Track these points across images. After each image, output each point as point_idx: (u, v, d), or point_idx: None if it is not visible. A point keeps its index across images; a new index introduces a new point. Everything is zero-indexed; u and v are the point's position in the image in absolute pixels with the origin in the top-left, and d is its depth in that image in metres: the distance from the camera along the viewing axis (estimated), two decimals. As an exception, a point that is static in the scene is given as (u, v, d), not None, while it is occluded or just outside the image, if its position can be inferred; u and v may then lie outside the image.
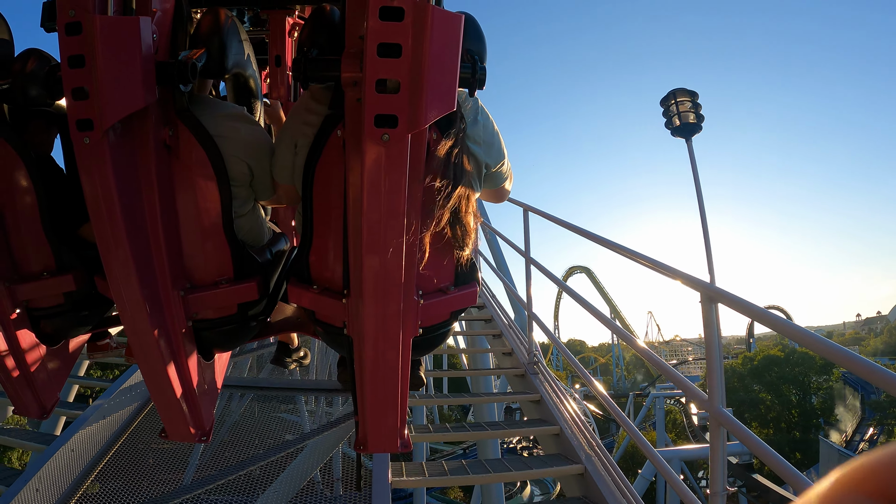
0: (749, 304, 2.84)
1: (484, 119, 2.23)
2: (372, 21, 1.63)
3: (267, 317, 2.58)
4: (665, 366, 3.90)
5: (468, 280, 2.33)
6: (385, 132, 1.70)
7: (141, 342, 2.22)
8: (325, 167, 2.10)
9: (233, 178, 2.26)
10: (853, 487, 0.39)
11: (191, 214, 2.26)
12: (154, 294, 2.18)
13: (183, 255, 2.30)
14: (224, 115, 2.27)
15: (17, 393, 2.60)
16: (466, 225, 2.12)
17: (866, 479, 0.39)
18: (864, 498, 0.38)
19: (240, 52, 2.36)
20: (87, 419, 5.48)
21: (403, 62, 1.65)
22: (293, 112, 2.27)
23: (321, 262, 2.25)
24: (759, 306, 2.86)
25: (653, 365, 3.92)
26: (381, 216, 1.85)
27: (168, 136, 2.13)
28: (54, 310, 2.55)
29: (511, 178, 2.48)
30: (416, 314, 2.17)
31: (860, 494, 0.38)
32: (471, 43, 1.98)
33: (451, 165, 2.00)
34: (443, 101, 1.72)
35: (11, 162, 2.35)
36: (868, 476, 0.39)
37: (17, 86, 2.24)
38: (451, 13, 1.66)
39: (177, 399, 2.39)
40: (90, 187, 1.93)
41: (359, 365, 2.23)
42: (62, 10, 1.77)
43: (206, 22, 2.26)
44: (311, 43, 2.05)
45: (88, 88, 1.79)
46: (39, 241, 2.42)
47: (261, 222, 2.56)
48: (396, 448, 2.48)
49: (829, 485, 0.41)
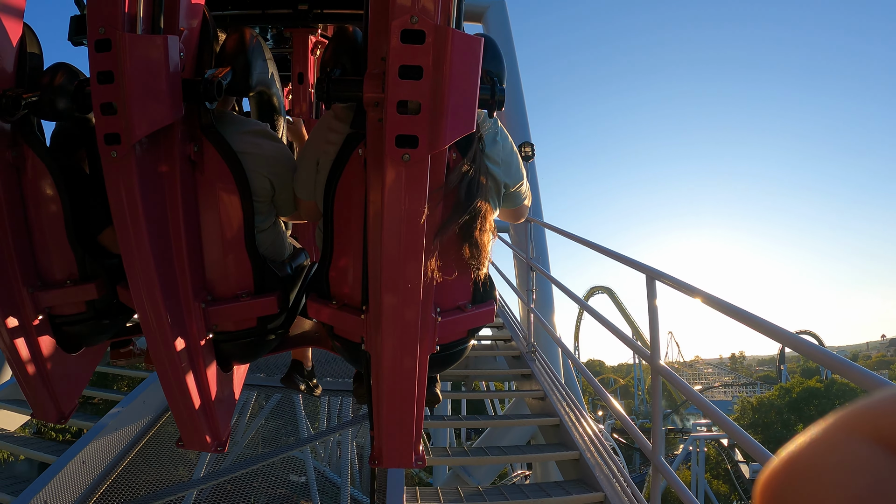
0: (688, 284, 3.40)
1: (503, 139, 2.24)
2: (394, 43, 1.65)
3: (286, 331, 2.60)
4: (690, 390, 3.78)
5: (486, 298, 2.34)
6: (406, 152, 1.71)
7: (161, 352, 2.25)
8: (347, 185, 2.12)
9: (255, 193, 2.29)
10: (851, 429, 0.39)
11: (213, 228, 2.30)
12: (175, 305, 2.22)
13: (205, 268, 2.33)
14: (248, 132, 2.31)
15: (36, 397, 2.63)
16: (482, 243, 2.13)
17: (864, 422, 0.39)
18: (863, 440, 0.38)
19: (264, 71, 2.40)
20: (101, 430, 5.51)
21: (424, 84, 1.67)
22: (316, 130, 2.30)
23: (341, 278, 2.27)
24: (698, 288, 3.30)
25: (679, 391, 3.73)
26: (401, 234, 1.86)
27: (193, 151, 2.16)
28: (76, 317, 2.58)
29: (529, 197, 2.49)
30: (434, 331, 2.18)
31: (858, 436, 0.38)
32: (489, 64, 1.99)
33: (469, 185, 2.02)
34: (463, 122, 1.73)
35: (38, 172, 2.39)
36: (866, 418, 0.39)
37: (45, 99, 2.28)
38: (471, 36, 1.69)
39: (194, 409, 2.41)
40: (116, 199, 1.96)
41: (376, 380, 2.25)
42: (92, 27, 1.82)
43: (232, 41, 2.30)
44: (334, 63, 2.08)
45: (116, 104, 1.83)
46: (63, 249, 2.45)
47: (282, 237, 2.59)
48: (411, 463, 2.48)
49: (826, 427, 0.40)
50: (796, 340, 2.63)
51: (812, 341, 2.67)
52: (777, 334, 2.74)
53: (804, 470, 0.39)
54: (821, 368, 45.99)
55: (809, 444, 0.40)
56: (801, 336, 2.72)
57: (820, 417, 0.40)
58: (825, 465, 0.38)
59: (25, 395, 2.65)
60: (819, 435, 0.40)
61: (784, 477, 0.40)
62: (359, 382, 2.78)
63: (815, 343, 2.68)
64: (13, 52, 2.30)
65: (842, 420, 0.40)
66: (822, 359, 2.51)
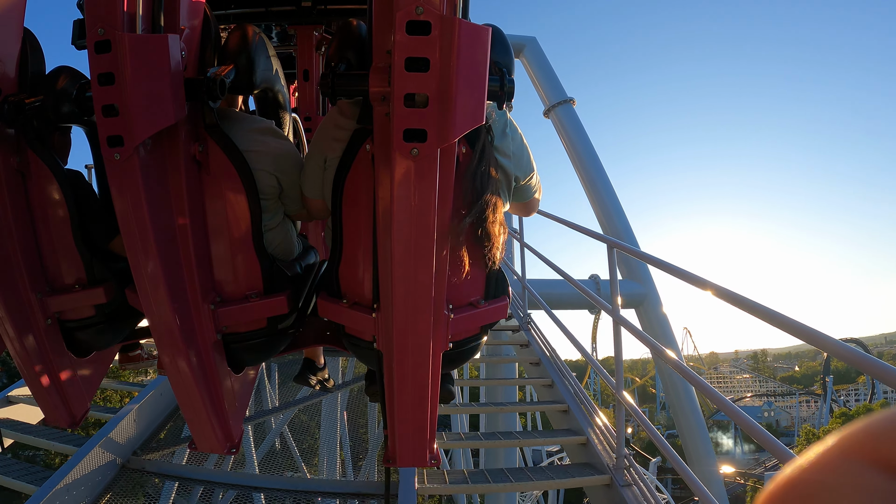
0: (643, 253, 3.74)
1: (512, 132, 2.21)
2: (399, 35, 1.61)
3: (296, 330, 2.58)
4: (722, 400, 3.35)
5: (498, 293, 2.31)
6: (414, 146, 1.68)
7: (171, 354, 2.24)
8: (355, 181, 2.09)
9: (262, 191, 2.26)
10: (851, 452, 0.38)
11: (221, 228, 2.27)
12: (184, 307, 2.20)
13: (213, 269, 2.31)
14: (253, 130, 2.28)
15: (47, 402, 2.63)
16: (494, 236, 2.09)
17: (864, 445, 0.38)
18: (862, 463, 0.37)
19: (268, 68, 2.37)
20: (120, 421, 5.61)
21: (431, 76, 1.63)
22: (322, 127, 2.26)
23: (351, 276, 2.24)
24: (653, 255, 3.66)
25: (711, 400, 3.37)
26: (411, 230, 1.83)
27: (198, 151, 2.14)
28: (85, 321, 2.58)
29: (540, 191, 2.45)
30: (447, 328, 2.15)
31: (858, 460, 0.37)
32: (498, 55, 1.95)
33: (478, 178, 1.98)
34: (472, 115, 1.69)
35: (44, 177, 2.37)
36: (866, 441, 0.38)
37: (48, 103, 2.26)
38: (479, 26, 1.64)
39: (206, 411, 2.40)
40: (121, 202, 1.94)
41: (388, 379, 2.22)
42: (91, 28, 1.79)
43: (234, 39, 2.27)
44: (339, 58, 2.04)
45: (118, 105, 1.80)
46: (71, 254, 2.44)
47: (290, 236, 2.56)
48: (426, 462, 2.46)
49: (825, 449, 0.40)
50: (844, 350, 2.34)
51: (858, 350, 2.40)
52: (820, 341, 2.47)
53: (802, 491, 0.39)
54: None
55: (809, 465, 0.40)
56: (848, 344, 2.40)
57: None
58: (824, 488, 0.38)
59: (37, 399, 2.65)
60: (819, 457, 0.40)
61: (782, 498, 0.40)
62: (371, 381, 2.76)
63: (861, 352, 2.36)
64: (15, 58, 2.28)
65: (842, 442, 0.39)
66: (876, 371, 2.19)
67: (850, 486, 0.36)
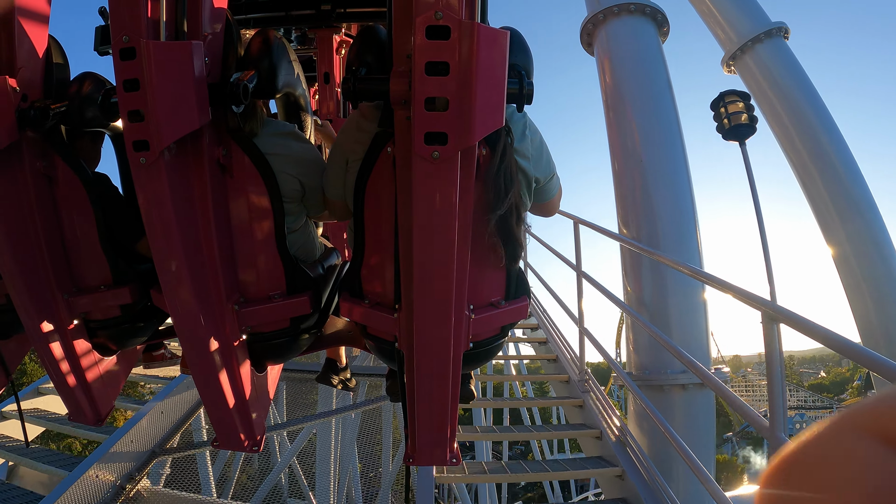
0: (814, 325, 2.49)
1: (532, 133, 2.21)
2: (419, 40, 1.62)
3: (319, 330, 2.61)
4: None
5: (519, 294, 2.32)
6: (435, 149, 1.69)
7: (196, 354, 2.27)
8: (376, 183, 2.11)
9: (285, 194, 2.29)
10: (856, 426, 0.39)
11: (244, 230, 2.30)
12: (209, 308, 2.23)
13: (237, 270, 2.35)
14: (275, 133, 2.31)
15: (73, 400, 2.69)
16: (516, 238, 2.11)
17: (866, 419, 0.39)
18: (863, 437, 0.38)
19: (289, 72, 2.39)
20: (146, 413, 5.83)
21: (451, 80, 1.65)
22: (344, 130, 2.29)
23: (372, 277, 2.26)
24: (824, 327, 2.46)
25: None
26: (432, 232, 1.85)
27: (222, 155, 2.17)
28: (111, 321, 2.63)
29: (560, 192, 2.46)
30: (468, 328, 2.17)
31: (859, 433, 0.38)
32: (517, 58, 1.97)
33: (500, 179, 1.99)
34: (492, 117, 1.70)
35: (69, 181, 2.42)
36: (872, 416, 0.39)
37: (73, 108, 2.31)
38: (497, 30, 1.65)
39: (229, 409, 2.44)
40: (146, 205, 1.97)
41: (409, 379, 2.24)
42: (116, 35, 1.82)
43: (256, 44, 2.29)
44: (360, 62, 2.06)
45: (143, 111, 1.83)
46: (97, 255, 2.49)
47: (313, 237, 2.59)
48: (446, 461, 2.48)
49: (827, 424, 0.41)
50: (829, 336, 2.36)
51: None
52: (811, 330, 2.48)
53: (805, 464, 0.40)
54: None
55: (811, 439, 0.41)
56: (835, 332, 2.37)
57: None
58: (826, 460, 0.39)
59: (62, 398, 2.71)
60: (821, 431, 0.41)
61: (787, 469, 0.42)
62: (392, 380, 2.79)
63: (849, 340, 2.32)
64: (40, 64, 2.32)
65: (843, 417, 0.41)
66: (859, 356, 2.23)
67: (851, 458, 0.37)
